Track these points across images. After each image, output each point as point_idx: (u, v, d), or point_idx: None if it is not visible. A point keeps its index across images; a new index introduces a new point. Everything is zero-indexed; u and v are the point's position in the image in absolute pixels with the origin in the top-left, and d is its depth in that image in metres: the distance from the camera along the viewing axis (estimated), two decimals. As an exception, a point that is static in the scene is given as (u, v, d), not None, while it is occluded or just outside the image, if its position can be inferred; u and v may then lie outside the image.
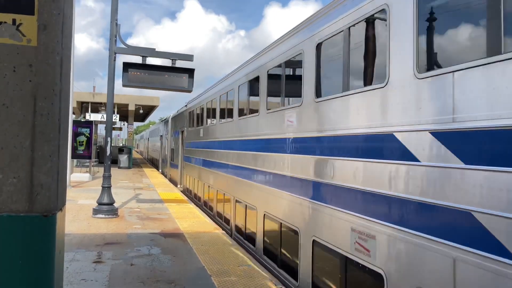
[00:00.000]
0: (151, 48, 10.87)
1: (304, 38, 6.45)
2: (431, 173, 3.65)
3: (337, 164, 5.27)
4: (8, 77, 1.92)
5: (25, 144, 1.93)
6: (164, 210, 12.41)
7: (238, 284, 6.11)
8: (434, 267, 3.58)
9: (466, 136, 3.31)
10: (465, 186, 3.30)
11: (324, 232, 5.54)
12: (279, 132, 7.24)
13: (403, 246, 3.96)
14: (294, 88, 6.75)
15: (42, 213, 1.95)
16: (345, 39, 5.22)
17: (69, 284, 5.77)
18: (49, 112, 1.97)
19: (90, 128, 20.52)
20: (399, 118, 4.12)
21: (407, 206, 3.95)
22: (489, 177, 3.09)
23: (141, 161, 45.45)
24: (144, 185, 19.39)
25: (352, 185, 4.89)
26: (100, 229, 9.42)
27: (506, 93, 2.99)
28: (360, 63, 5.10)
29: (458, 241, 3.34)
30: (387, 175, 4.28)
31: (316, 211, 5.84)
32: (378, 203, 4.39)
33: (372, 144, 4.61)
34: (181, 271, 6.60)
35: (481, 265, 3.12)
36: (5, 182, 1.91)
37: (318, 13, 6.31)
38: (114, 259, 7.09)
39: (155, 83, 10.72)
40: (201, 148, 14.79)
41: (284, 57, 7.21)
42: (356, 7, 4.95)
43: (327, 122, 5.64)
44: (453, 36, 3.75)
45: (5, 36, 1.92)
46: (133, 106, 33.58)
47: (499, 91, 3.04)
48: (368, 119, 4.67)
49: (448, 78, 3.49)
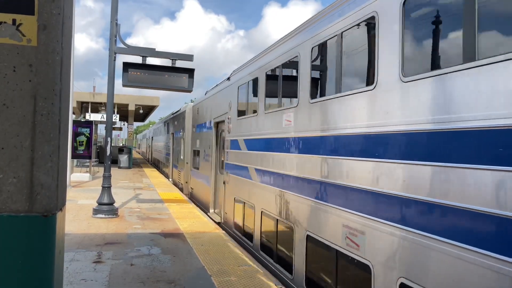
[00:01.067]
0: (151, 48, 10.87)
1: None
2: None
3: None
4: (8, 77, 1.92)
5: (25, 144, 1.93)
6: (164, 210, 12.41)
7: (238, 284, 6.11)
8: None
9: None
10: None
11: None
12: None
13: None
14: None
15: (42, 213, 1.95)
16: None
17: (69, 284, 5.77)
18: (49, 112, 1.98)
19: (90, 128, 20.52)
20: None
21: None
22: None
23: (141, 161, 45.45)
24: (144, 185, 19.39)
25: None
26: (100, 229, 9.42)
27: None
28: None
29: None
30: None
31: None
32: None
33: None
34: (181, 271, 6.60)
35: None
36: (5, 182, 1.91)
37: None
38: (114, 259, 7.09)
39: (155, 83, 10.72)
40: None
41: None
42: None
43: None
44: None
45: (5, 36, 1.92)
46: (133, 106, 33.59)
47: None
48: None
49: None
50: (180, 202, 14.42)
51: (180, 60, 10.88)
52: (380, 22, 4.49)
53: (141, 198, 14.94)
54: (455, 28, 3.69)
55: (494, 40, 3.28)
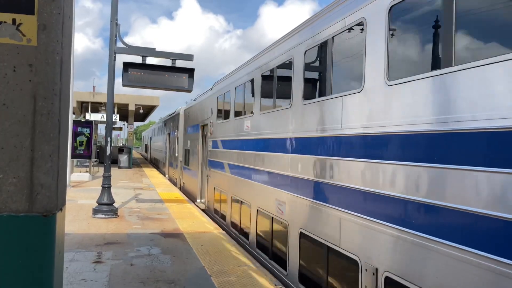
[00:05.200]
0: (151, 48, 10.86)
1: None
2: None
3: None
4: (8, 77, 1.92)
5: (25, 144, 1.93)
6: (164, 210, 12.41)
7: (237, 284, 6.11)
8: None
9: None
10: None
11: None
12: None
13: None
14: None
15: (42, 213, 1.94)
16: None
17: (69, 284, 5.77)
18: (49, 112, 1.97)
19: (90, 128, 20.50)
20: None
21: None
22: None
23: (141, 161, 45.43)
24: (144, 185, 19.39)
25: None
26: (100, 229, 9.42)
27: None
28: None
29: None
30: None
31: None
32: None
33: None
34: (181, 271, 6.60)
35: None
36: (5, 182, 1.91)
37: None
38: (114, 259, 7.09)
39: (155, 83, 10.71)
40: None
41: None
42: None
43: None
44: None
45: (5, 36, 1.92)
46: (133, 106, 33.57)
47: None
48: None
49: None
50: (180, 202, 14.41)
51: (180, 60, 10.88)
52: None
53: (141, 198, 14.93)
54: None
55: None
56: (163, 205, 13.38)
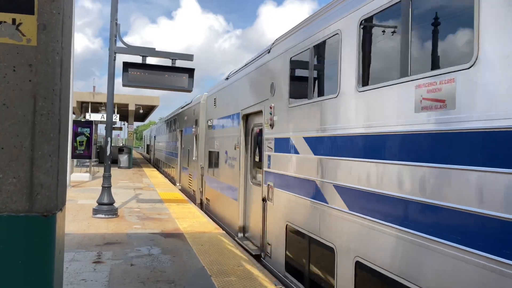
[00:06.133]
0: (151, 48, 10.86)
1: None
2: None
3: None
4: (8, 77, 1.92)
5: (25, 144, 1.93)
6: (164, 210, 12.41)
7: (238, 284, 6.11)
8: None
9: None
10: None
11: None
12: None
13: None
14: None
15: (42, 213, 1.94)
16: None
17: (69, 284, 5.77)
18: (49, 112, 1.97)
19: (90, 128, 20.49)
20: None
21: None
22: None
23: (142, 161, 45.43)
24: (144, 185, 19.39)
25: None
26: (100, 229, 9.42)
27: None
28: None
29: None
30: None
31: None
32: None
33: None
34: (181, 271, 6.60)
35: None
36: (5, 182, 1.91)
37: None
38: (114, 259, 7.08)
39: (155, 83, 10.71)
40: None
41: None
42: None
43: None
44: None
45: (5, 36, 1.92)
46: (133, 106, 33.58)
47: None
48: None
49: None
50: (180, 202, 14.41)
51: (180, 60, 10.88)
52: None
53: (141, 198, 14.93)
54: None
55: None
56: (163, 205, 13.38)
